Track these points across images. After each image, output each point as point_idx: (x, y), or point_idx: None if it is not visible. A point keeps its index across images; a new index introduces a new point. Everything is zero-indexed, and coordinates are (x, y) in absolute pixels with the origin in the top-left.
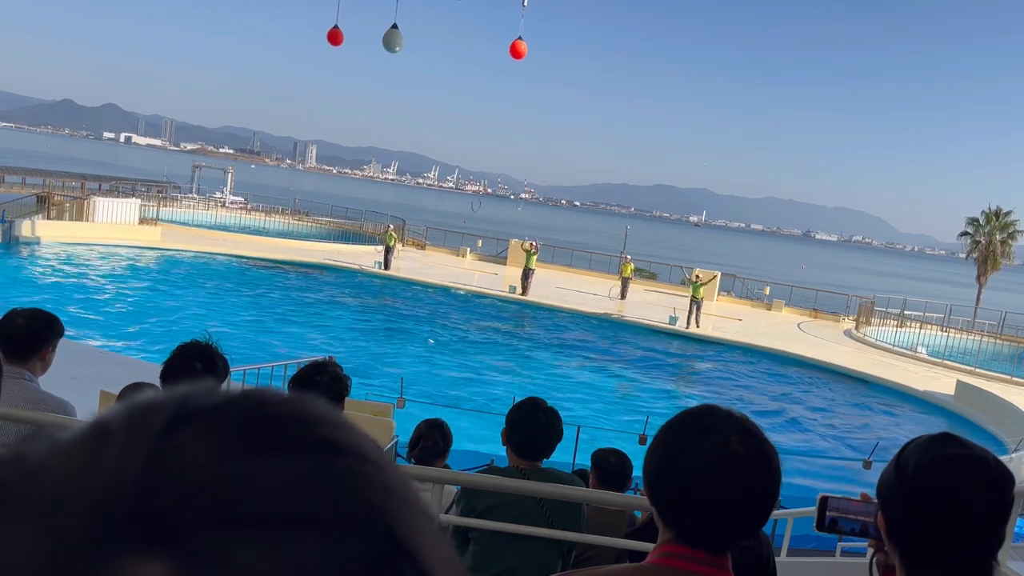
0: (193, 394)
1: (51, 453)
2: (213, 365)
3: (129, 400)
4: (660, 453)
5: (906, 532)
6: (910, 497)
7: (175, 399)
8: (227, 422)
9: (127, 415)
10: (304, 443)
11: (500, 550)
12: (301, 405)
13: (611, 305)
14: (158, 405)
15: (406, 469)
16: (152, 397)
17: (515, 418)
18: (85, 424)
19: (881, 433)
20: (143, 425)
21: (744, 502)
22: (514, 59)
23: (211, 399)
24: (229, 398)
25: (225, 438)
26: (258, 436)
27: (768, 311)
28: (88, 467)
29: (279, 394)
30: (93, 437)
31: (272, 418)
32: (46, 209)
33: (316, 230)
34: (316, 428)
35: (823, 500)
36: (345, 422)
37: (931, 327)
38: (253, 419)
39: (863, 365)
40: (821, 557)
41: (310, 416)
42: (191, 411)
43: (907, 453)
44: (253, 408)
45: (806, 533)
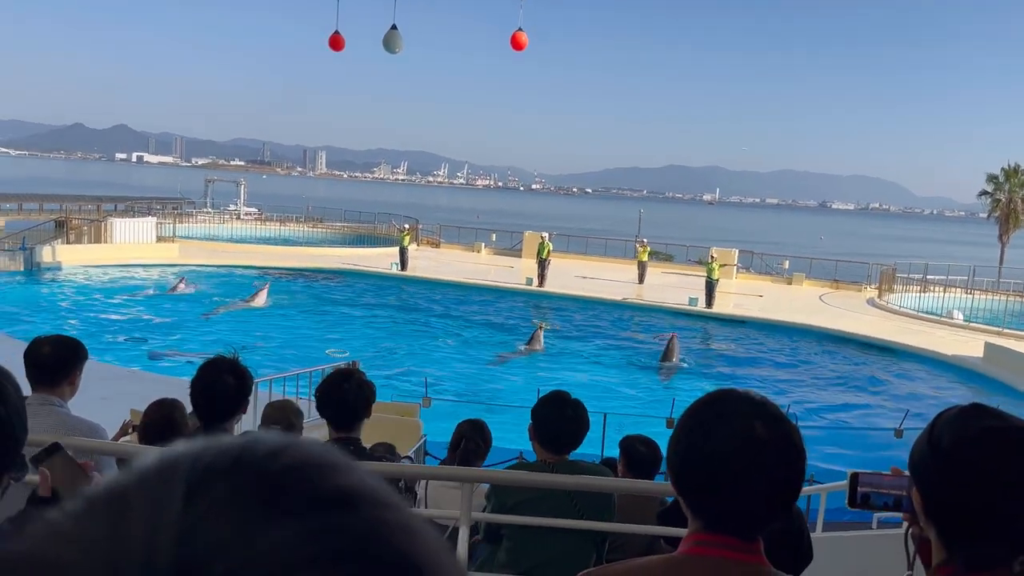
0: (200, 454)
1: (68, 545)
2: (241, 378)
3: (137, 469)
4: (683, 444)
5: (943, 509)
6: (946, 473)
7: (184, 462)
8: (242, 484)
9: (140, 488)
10: (321, 498)
11: (533, 545)
12: (305, 453)
13: (630, 290)
14: (170, 471)
15: (439, 469)
16: (159, 462)
17: (541, 413)
18: (91, 498)
19: (910, 401)
20: (161, 499)
21: (771, 486)
22: (515, 50)
23: (218, 458)
24: (236, 454)
25: (245, 504)
26: (275, 497)
27: (788, 285)
28: (116, 559)
29: (281, 444)
30: (109, 518)
31: (283, 474)
32: (65, 233)
33: (331, 236)
34: (326, 478)
35: (854, 477)
36: (347, 463)
37: (955, 290)
38: (266, 477)
39: (888, 333)
40: (857, 531)
41: (316, 465)
42: (203, 475)
43: (939, 427)
44: (262, 464)
45: (840, 506)
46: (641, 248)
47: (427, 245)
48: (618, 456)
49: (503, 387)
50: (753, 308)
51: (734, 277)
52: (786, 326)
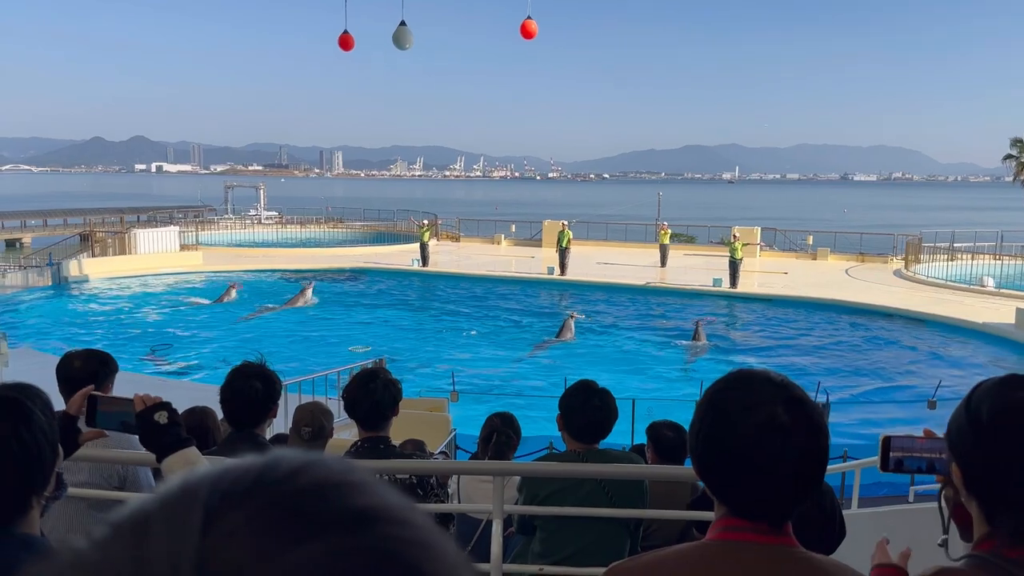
0: (219, 479)
1: (91, 571)
2: (269, 383)
3: (159, 496)
4: (705, 431)
5: (984, 482)
6: (986, 446)
7: (203, 488)
8: (258, 508)
9: (161, 514)
10: (337, 518)
11: (567, 534)
12: (322, 473)
13: (652, 274)
14: (190, 497)
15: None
16: (180, 489)
17: (569, 403)
18: (116, 525)
19: (943, 371)
20: (181, 525)
21: (796, 470)
22: (525, 39)
23: (236, 482)
24: (253, 478)
25: (261, 527)
26: (292, 519)
27: (813, 261)
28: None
29: (298, 464)
30: (131, 544)
31: (300, 495)
32: (90, 247)
33: (351, 235)
34: (343, 498)
35: (886, 440)
36: (365, 481)
37: (984, 257)
38: (282, 500)
39: (917, 304)
40: (893, 505)
41: (333, 485)
42: (221, 499)
43: (977, 398)
44: (279, 486)
45: (876, 481)
46: (662, 231)
47: (447, 240)
48: (646, 442)
49: (530, 378)
50: (778, 286)
51: (757, 255)
52: (813, 302)
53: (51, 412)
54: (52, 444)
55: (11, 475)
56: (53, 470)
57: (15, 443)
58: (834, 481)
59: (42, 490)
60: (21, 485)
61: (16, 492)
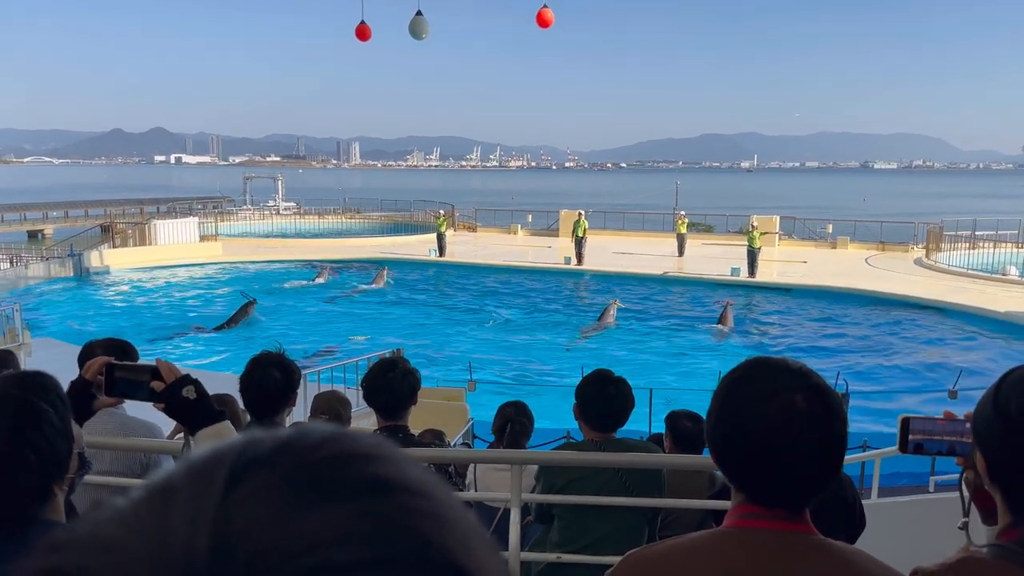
0: (246, 446)
1: (121, 527)
2: (287, 372)
3: (187, 462)
4: (723, 420)
5: (1010, 473)
6: (1015, 438)
7: (230, 454)
8: (281, 473)
9: (188, 477)
10: (356, 485)
11: (585, 523)
12: (349, 444)
13: (670, 264)
14: (216, 462)
15: (488, 452)
16: (209, 455)
17: (585, 392)
18: (148, 487)
19: (964, 360)
20: (205, 487)
21: (815, 458)
22: (541, 28)
23: (262, 449)
24: (279, 446)
25: (281, 491)
26: (312, 484)
27: (833, 249)
28: (161, 540)
29: (327, 435)
30: (159, 504)
31: (323, 463)
32: (110, 238)
33: (369, 226)
34: (365, 467)
35: (904, 421)
36: (391, 454)
37: (1006, 245)
38: (305, 467)
39: (938, 293)
40: (914, 495)
41: (358, 455)
42: (246, 465)
43: (1006, 389)
44: (304, 455)
45: (895, 471)
46: (680, 220)
47: (464, 230)
48: (664, 432)
49: (547, 367)
50: (797, 275)
51: (776, 245)
52: (832, 291)
53: (62, 399)
54: (66, 434)
55: (26, 474)
56: (70, 457)
57: (27, 449)
58: (853, 471)
59: (61, 478)
60: (38, 480)
61: (34, 488)
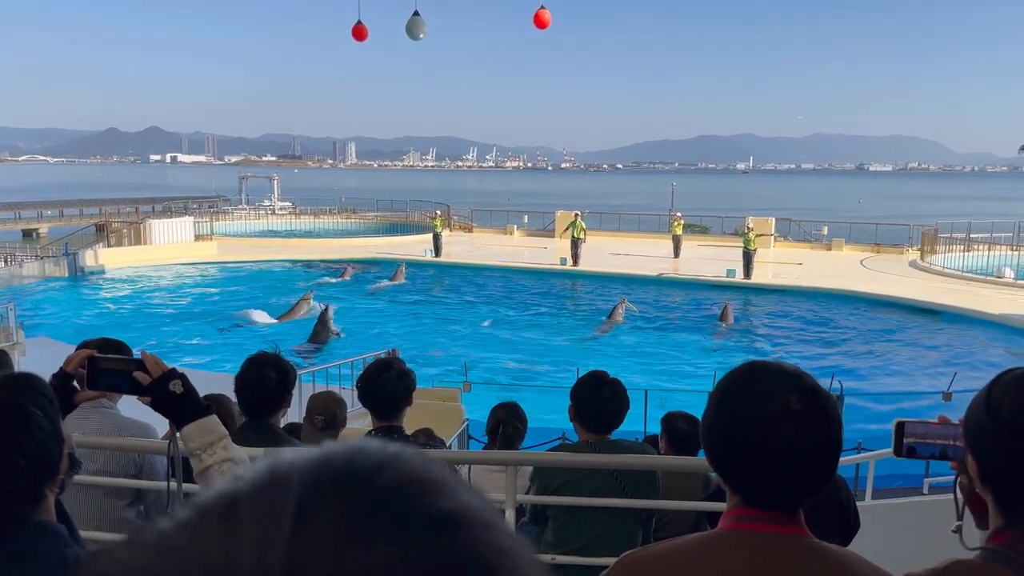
0: (312, 470)
1: (180, 557)
2: (283, 372)
3: (248, 481)
4: (719, 422)
5: (1001, 476)
6: (1006, 441)
7: (296, 479)
8: (350, 504)
9: (253, 503)
10: (424, 520)
11: (579, 525)
12: (407, 472)
13: (666, 265)
14: (282, 488)
15: (483, 453)
16: (271, 478)
17: (580, 394)
18: (204, 508)
19: (959, 362)
20: (273, 517)
21: (810, 460)
22: (539, 29)
23: (329, 475)
24: (345, 471)
25: (351, 525)
26: (381, 517)
27: (828, 251)
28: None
29: (387, 461)
30: (219, 532)
31: (389, 493)
32: (106, 237)
33: (364, 226)
34: (431, 499)
35: (899, 425)
36: (458, 486)
37: (1000, 247)
38: (372, 496)
39: (932, 295)
40: (908, 497)
41: (421, 482)
42: (313, 493)
43: (997, 392)
44: (372, 485)
45: (889, 473)
46: (675, 222)
47: (460, 230)
48: (659, 433)
49: (541, 367)
50: (792, 276)
51: (771, 246)
52: (827, 293)
53: (51, 401)
54: (56, 436)
55: (17, 478)
56: (60, 459)
57: (17, 452)
58: (848, 473)
59: (52, 480)
60: (29, 483)
61: (25, 490)
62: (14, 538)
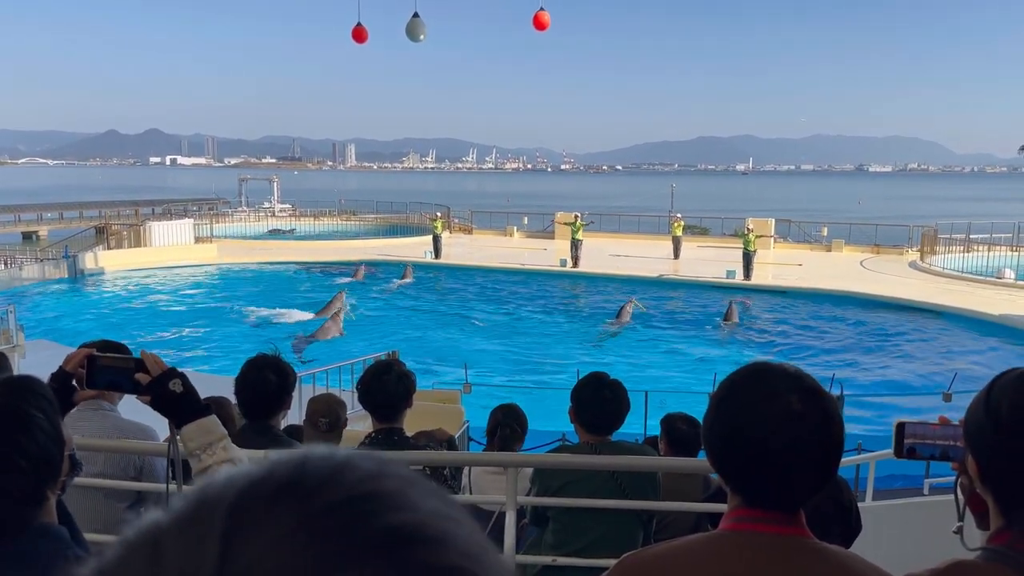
0: (242, 491)
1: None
2: (283, 375)
3: (172, 511)
4: (720, 422)
5: (1001, 476)
6: (1006, 441)
7: (222, 505)
8: (285, 528)
9: (177, 531)
10: (372, 540)
11: (580, 526)
12: (355, 482)
13: (665, 266)
14: (207, 513)
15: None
16: (197, 501)
17: (581, 395)
18: (129, 540)
19: (959, 363)
20: (197, 545)
21: (811, 460)
22: (538, 31)
23: (262, 494)
24: (280, 489)
25: (286, 550)
26: (319, 541)
27: (828, 252)
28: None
29: (329, 473)
30: (143, 565)
31: (329, 513)
32: (105, 239)
33: (364, 228)
34: (380, 516)
35: (899, 426)
36: (406, 499)
37: (1000, 248)
38: (310, 518)
39: (932, 295)
40: (908, 498)
41: (370, 497)
42: (242, 518)
43: (997, 392)
44: (307, 501)
45: (890, 473)
46: (675, 223)
47: (460, 232)
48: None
49: (542, 368)
50: (792, 277)
51: (771, 247)
52: (827, 294)
53: (51, 403)
54: (57, 438)
55: (19, 480)
56: (62, 461)
57: (18, 455)
58: (849, 473)
59: (53, 482)
60: (31, 485)
61: (27, 493)
62: (15, 539)
